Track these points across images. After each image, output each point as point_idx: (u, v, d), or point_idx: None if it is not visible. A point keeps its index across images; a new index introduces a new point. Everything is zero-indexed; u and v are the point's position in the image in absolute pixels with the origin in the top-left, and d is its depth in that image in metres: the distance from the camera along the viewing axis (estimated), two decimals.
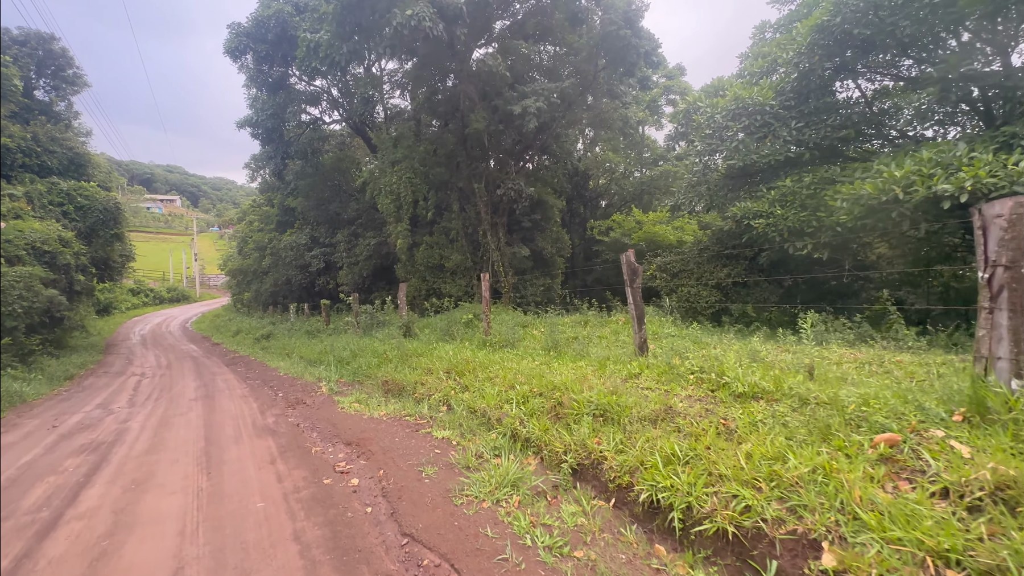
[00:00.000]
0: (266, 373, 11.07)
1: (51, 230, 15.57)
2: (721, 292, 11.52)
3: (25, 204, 16.56)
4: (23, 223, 15.00)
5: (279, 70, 20.29)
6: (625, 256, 5.93)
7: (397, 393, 7.41)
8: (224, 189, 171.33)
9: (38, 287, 12.51)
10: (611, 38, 11.85)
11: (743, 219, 9.42)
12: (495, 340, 8.45)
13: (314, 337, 15.93)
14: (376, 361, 9.30)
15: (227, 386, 9.42)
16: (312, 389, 8.43)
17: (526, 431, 4.70)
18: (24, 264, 13.44)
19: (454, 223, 15.26)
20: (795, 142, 9.19)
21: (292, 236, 27.91)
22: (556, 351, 7.22)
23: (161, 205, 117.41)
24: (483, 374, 6.59)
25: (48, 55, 24.06)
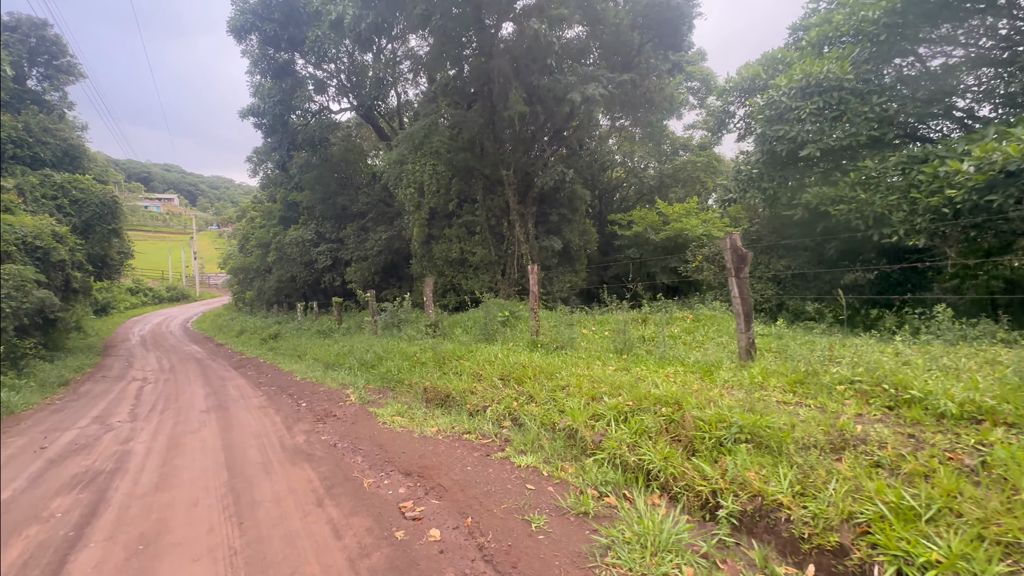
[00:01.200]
0: (280, 378, 10.05)
1: (44, 224, 14.51)
2: (777, 285, 10.51)
3: (16, 196, 15.47)
4: (13, 217, 13.93)
5: (285, 55, 19.18)
6: (730, 239, 4.91)
7: (442, 403, 6.39)
8: (222, 188, 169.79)
9: (29, 286, 11.45)
10: (656, 7, 10.68)
11: (818, 206, 8.41)
12: (546, 341, 7.42)
13: (327, 337, 14.91)
14: (407, 365, 8.28)
15: (240, 394, 8.39)
16: (338, 398, 7.41)
17: (640, 459, 3.68)
18: (14, 261, 12.39)
19: (478, 214, 14.19)
20: (877, 119, 8.15)
21: (297, 232, 26.86)
22: (630, 354, 6.20)
23: (159, 204, 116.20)
24: (549, 382, 5.57)
25: (41, 42, 22.93)
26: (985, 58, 9.39)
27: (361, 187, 23.31)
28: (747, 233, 11.72)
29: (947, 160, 6.99)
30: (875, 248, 9.40)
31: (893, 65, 8.65)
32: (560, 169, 12.84)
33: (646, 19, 11.37)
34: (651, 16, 11.28)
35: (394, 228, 19.50)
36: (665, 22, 11.23)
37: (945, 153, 7.29)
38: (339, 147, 22.16)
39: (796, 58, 10.30)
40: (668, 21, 11.19)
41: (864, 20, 8.66)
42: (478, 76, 12.63)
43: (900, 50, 8.62)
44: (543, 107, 12.49)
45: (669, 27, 11.33)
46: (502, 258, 14.45)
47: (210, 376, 10.94)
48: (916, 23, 7.96)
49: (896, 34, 8.25)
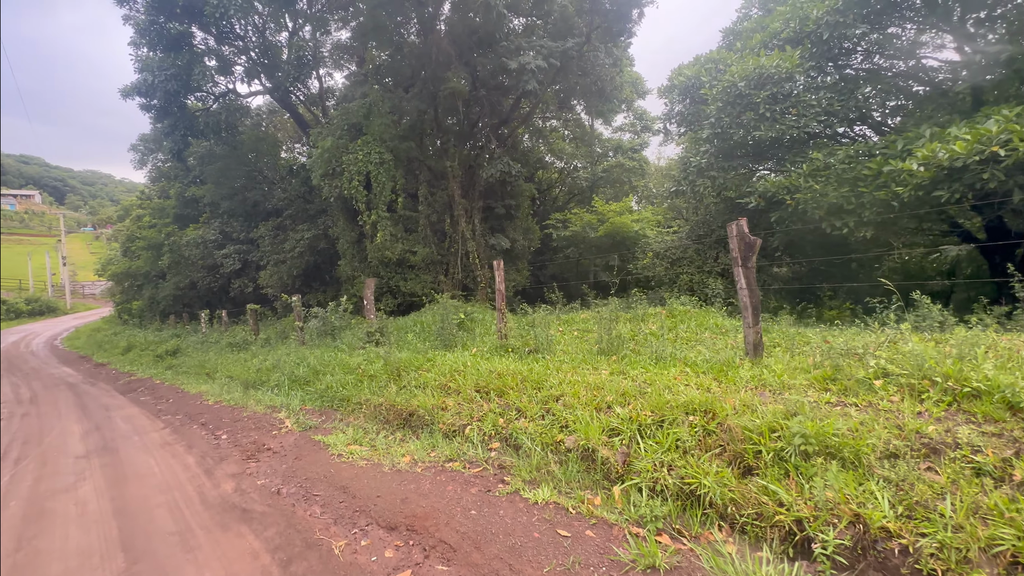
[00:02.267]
0: (187, 402, 8.30)
1: None
2: (727, 280, 10.68)
3: None
4: None
5: (181, 26, 16.55)
6: (737, 226, 4.51)
7: (406, 424, 5.40)
8: (98, 184, 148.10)
9: None
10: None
11: (774, 195, 8.55)
12: (516, 344, 6.67)
13: (242, 350, 12.92)
14: (352, 379, 7.10)
15: (133, 427, 6.67)
16: (269, 424, 6.09)
17: (683, 482, 3.07)
18: None
19: (420, 210, 13.03)
20: (824, 112, 8.45)
21: (197, 231, 23.66)
22: (616, 355, 5.64)
23: (14, 201, 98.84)
24: (538, 392, 4.84)
25: None
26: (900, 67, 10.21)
27: (276, 181, 20.92)
28: (694, 226, 11.85)
29: (890, 159, 7.31)
30: (809, 241, 9.83)
31: (836, 65, 9.08)
32: (506, 161, 12.17)
33: (593, 3, 10.97)
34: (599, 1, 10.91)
35: (318, 226, 17.62)
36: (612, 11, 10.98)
37: (887, 151, 7.66)
38: (249, 136, 19.67)
39: (735, 60, 10.54)
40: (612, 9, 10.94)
41: (807, 20, 8.96)
42: (418, 56, 11.50)
43: (842, 50, 9.07)
44: (487, 93, 11.68)
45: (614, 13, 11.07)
46: (444, 257, 13.44)
47: (89, 406, 8.80)
48: (854, 23, 8.37)
49: (838, 34, 8.63)
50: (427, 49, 11.20)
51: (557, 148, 24.71)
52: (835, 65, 9.07)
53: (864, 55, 9.10)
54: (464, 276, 13.32)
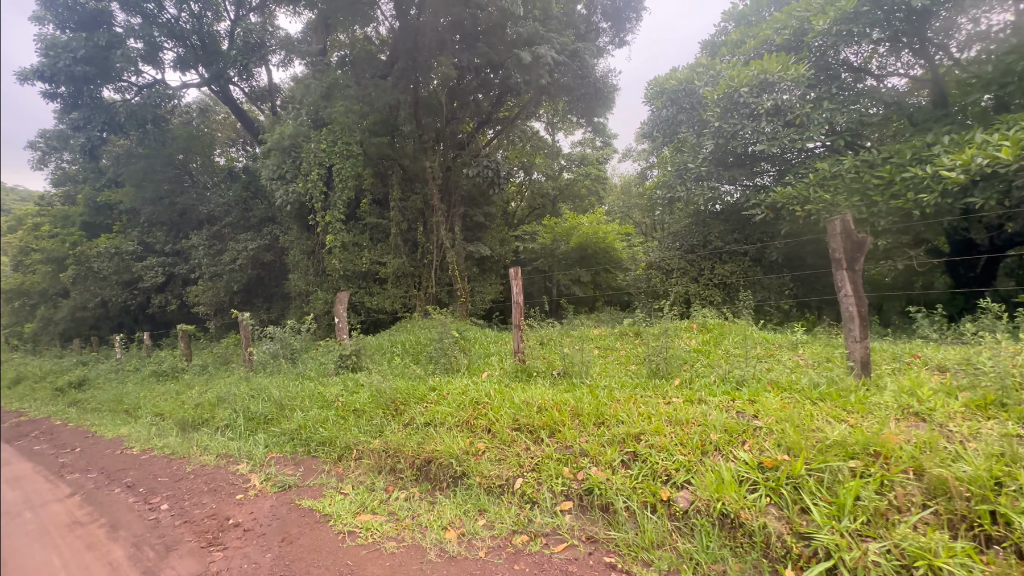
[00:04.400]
0: (101, 452, 6.46)
1: None
2: (724, 292, 10.26)
3: None
4: None
5: (98, 3, 14.26)
6: (841, 221, 3.81)
7: (422, 476, 4.17)
8: None
9: None
10: None
11: (783, 206, 8.20)
12: (541, 368, 5.61)
13: (172, 380, 10.84)
14: (333, 416, 5.70)
15: (25, 496, 4.86)
16: (228, 482, 4.59)
17: (895, 562, 2.18)
18: None
19: (391, 215, 11.61)
20: (826, 124, 8.27)
21: (111, 241, 20.60)
22: (675, 379, 4.75)
23: None
24: (605, 430, 3.84)
25: None
26: None
27: (212, 186, 18.59)
28: (682, 236, 11.42)
29: (908, 166, 7.13)
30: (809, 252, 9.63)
31: (838, 79, 9.02)
32: (494, 161, 11.17)
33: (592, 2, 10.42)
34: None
35: (263, 236, 15.64)
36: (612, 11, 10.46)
37: (893, 160, 7.52)
38: (181, 133, 17.32)
39: (726, 67, 10.34)
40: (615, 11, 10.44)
41: (806, 30, 8.83)
42: (396, 42, 10.28)
43: (843, 63, 9.05)
44: (478, 86, 10.65)
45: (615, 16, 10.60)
46: (417, 269, 12.10)
47: None
48: (848, 39, 8.32)
49: (837, 45, 8.56)
50: (405, 35, 10.05)
51: (522, 158, 24.13)
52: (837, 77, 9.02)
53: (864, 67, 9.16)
54: (439, 291, 12.06)
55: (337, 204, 9.77)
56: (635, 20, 11.49)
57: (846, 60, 9.17)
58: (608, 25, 11.50)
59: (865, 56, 9.28)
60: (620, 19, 11.09)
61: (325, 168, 9.60)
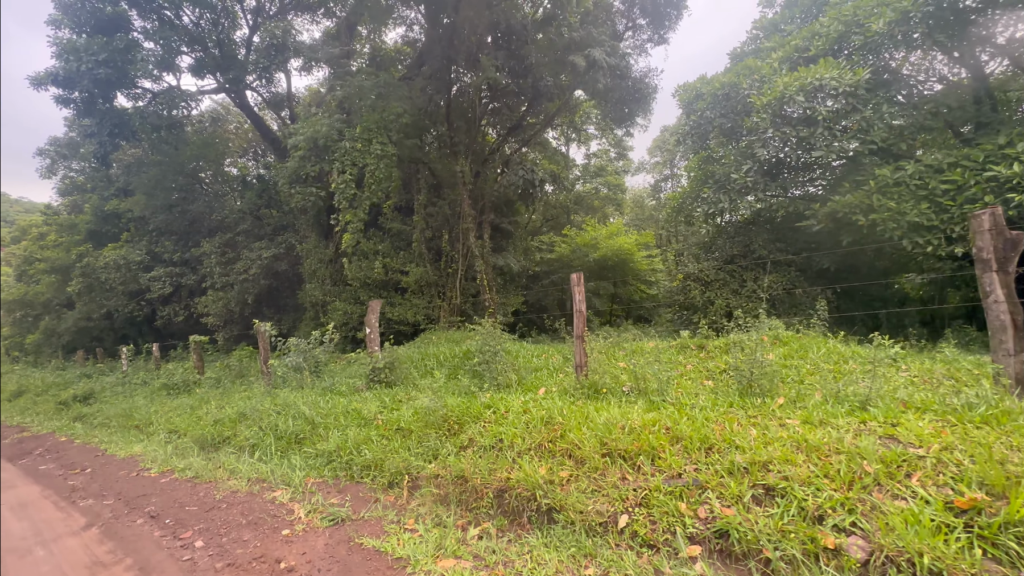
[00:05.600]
0: (115, 473, 5.88)
1: None
2: (770, 304, 9.74)
3: None
4: None
5: (116, 7, 14.05)
6: (990, 216, 3.32)
7: (497, 508, 3.61)
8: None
9: None
10: None
11: (847, 215, 7.72)
12: (611, 384, 5.07)
13: (184, 394, 10.27)
14: (376, 436, 5.15)
15: (34, 527, 4.28)
16: (268, 513, 4.02)
17: None
18: None
19: (414, 221, 11.13)
20: (887, 129, 7.85)
21: (118, 251, 20.15)
22: (775, 397, 4.22)
23: None
24: (718, 457, 3.29)
25: None
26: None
27: (225, 194, 18.22)
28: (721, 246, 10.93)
29: (988, 164, 6.69)
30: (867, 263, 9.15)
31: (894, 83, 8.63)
32: (528, 168, 10.72)
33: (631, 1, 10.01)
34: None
35: (277, 245, 15.18)
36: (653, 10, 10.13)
37: (965, 164, 7.07)
38: (196, 140, 17.00)
39: (768, 71, 9.99)
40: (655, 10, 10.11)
41: (867, 31, 8.46)
42: (430, 42, 9.88)
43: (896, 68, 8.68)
44: (513, 83, 10.19)
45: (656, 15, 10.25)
46: (441, 279, 11.59)
47: None
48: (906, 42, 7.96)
49: (893, 49, 8.20)
50: (436, 36, 9.68)
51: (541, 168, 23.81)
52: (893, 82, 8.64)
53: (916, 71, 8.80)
54: (463, 302, 11.53)
55: (363, 204, 9.29)
56: (675, 17, 11.13)
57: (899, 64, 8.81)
58: (647, 22, 11.11)
59: (918, 59, 8.93)
60: (660, 15, 10.73)
61: (358, 168, 9.15)
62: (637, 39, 11.17)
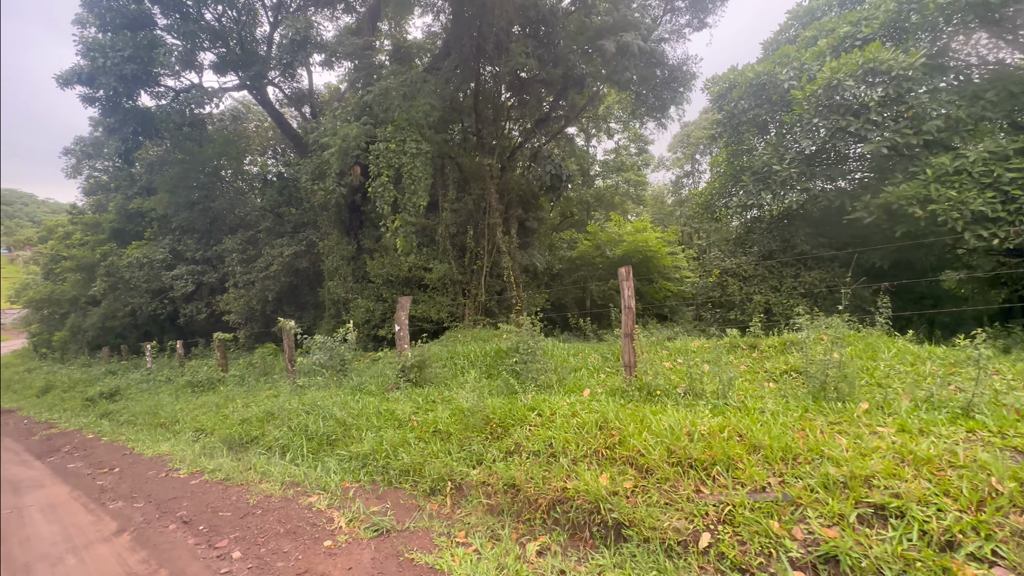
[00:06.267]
0: (143, 474, 5.72)
1: None
2: (810, 300, 9.27)
3: None
4: None
5: (139, 5, 14.06)
6: None
7: (550, 519, 3.31)
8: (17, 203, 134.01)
9: None
10: None
11: (901, 207, 7.24)
12: (663, 386, 4.73)
13: (209, 391, 10.16)
14: (413, 439, 4.88)
15: (64, 530, 4.11)
16: (306, 521, 3.78)
17: None
18: None
19: (443, 217, 10.87)
20: (944, 117, 7.34)
21: (141, 250, 20.30)
22: (856, 402, 3.84)
23: None
24: (806, 469, 2.95)
25: None
26: None
27: (245, 192, 18.23)
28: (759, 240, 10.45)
29: None
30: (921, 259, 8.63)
31: (956, 65, 8.10)
32: (557, 162, 10.38)
33: None
34: None
35: (298, 242, 15.08)
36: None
37: None
38: (218, 138, 17.00)
39: (809, 58, 9.51)
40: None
41: (924, 7, 7.93)
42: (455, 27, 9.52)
43: (964, 45, 8.12)
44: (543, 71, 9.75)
45: None
46: (465, 276, 11.33)
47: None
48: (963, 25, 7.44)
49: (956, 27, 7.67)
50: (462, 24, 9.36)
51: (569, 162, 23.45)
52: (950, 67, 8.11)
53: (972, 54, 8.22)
54: (488, 300, 11.25)
55: (408, 207, 9.02)
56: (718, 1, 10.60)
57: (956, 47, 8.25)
58: (686, 4, 10.56)
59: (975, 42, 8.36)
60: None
61: (394, 169, 8.91)
62: (675, 23, 10.67)
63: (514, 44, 8.98)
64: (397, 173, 8.77)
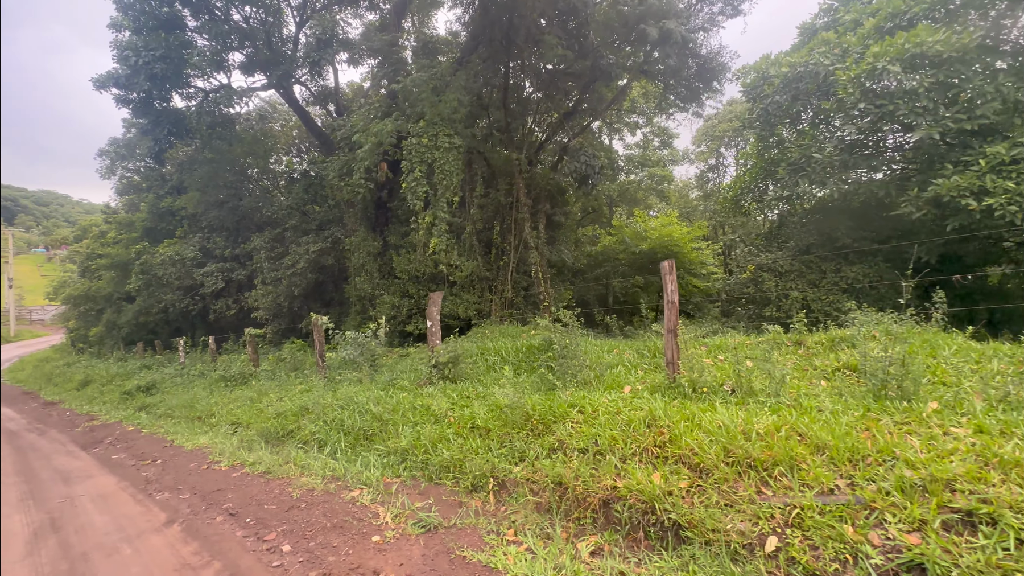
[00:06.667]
0: (185, 466, 5.82)
1: None
2: (852, 297, 8.94)
3: None
4: None
5: (170, 7, 14.35)
6: None
7: (601, 519, 3.22)
8: (54, 204, 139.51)
9: None
10: None
11: (953, 199, 6.89)
12: (710, 383, 4.58)
13: (241, 385, 10.35)
14: (451, 434, 4.84)
15: (115, 521, 4.19)
16: (352, 516, 3.77)
17: None
18: None
19: (473, 212, 10.79)
20: (1002, 101, 6.95)
21: (173, 248, 20.80)
22: (914, 401, 3.65)
23: None
24: (880, 471, 2.80)
25: None
26: None
27: (272, 190, 18.52)
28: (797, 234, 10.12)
29: None
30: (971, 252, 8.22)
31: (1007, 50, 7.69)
32: (590, 155, 10.20)
33: None
34: None
35: (324, 239, 15.25)
36: None
37: None
38: (246, 137, 17.28)
39: (856, 42, 9.13)
40: None
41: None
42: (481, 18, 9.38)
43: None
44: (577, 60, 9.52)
45: None
46: (491, 272, 11.28)
47: (39, 473, 6.14)
48: None
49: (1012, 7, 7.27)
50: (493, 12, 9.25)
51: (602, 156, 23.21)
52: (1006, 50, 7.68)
53: None
54: (515, 296, 11.18)
55: (440, 203, 8.99)
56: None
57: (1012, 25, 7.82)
58: None
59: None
60: None
61: (427, 164, 8.88)
62: (708, 10, 10.32)
63: (547, 35, 8.81)
64: (429, 168, 8.74)
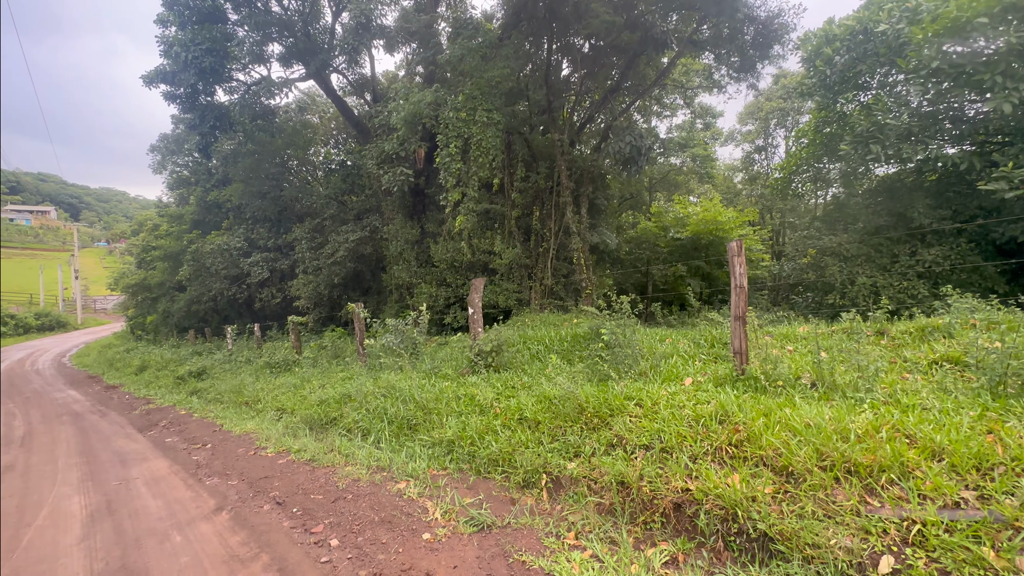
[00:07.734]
0: (234, 451, 5.85)
1: None
2: (928, 282, 8.11)
3: None
4: None
5: (212, 1, 14.60)
6: None
7: (670, 525, 2.90)
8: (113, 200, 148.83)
9: None
10: None
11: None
12: (785, 375, 4.14)
13: (285, 372, 10.52)
14: (499, 426, 4.61)
15: (167, 506, 4.19)
16: (400, 510, 3.60)
17: None
18: None
19: (515, 197, 10.44)
20: None
21: (221, 238, 21.52)
22: None
23: (30, 217, 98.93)
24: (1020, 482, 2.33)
25: None
26: None
27: (312, 180, 18.79)
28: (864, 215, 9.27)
29: None
30: None
31: None
32: (638, 133, 9.62)
33: None
34: None
35: (362, 228, 15.32)
36: None
37: None
38: (286, 129, 17.54)
39: None
40: None
41: None
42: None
43: None
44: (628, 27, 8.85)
45: None
46: (531, 259, 10.95)
47: (99, 454, 6.34)
48: None
49: None
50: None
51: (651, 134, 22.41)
52: None
53: None
54: (555, 283, 10.83)
55: (472, 181, 8.73)
56: None
57: None
58: None
59: None
60: None
61: (463, 140, 8.61)
62: None
63: (595, 5, 8.20)
64: (465, 144, 8.43)
